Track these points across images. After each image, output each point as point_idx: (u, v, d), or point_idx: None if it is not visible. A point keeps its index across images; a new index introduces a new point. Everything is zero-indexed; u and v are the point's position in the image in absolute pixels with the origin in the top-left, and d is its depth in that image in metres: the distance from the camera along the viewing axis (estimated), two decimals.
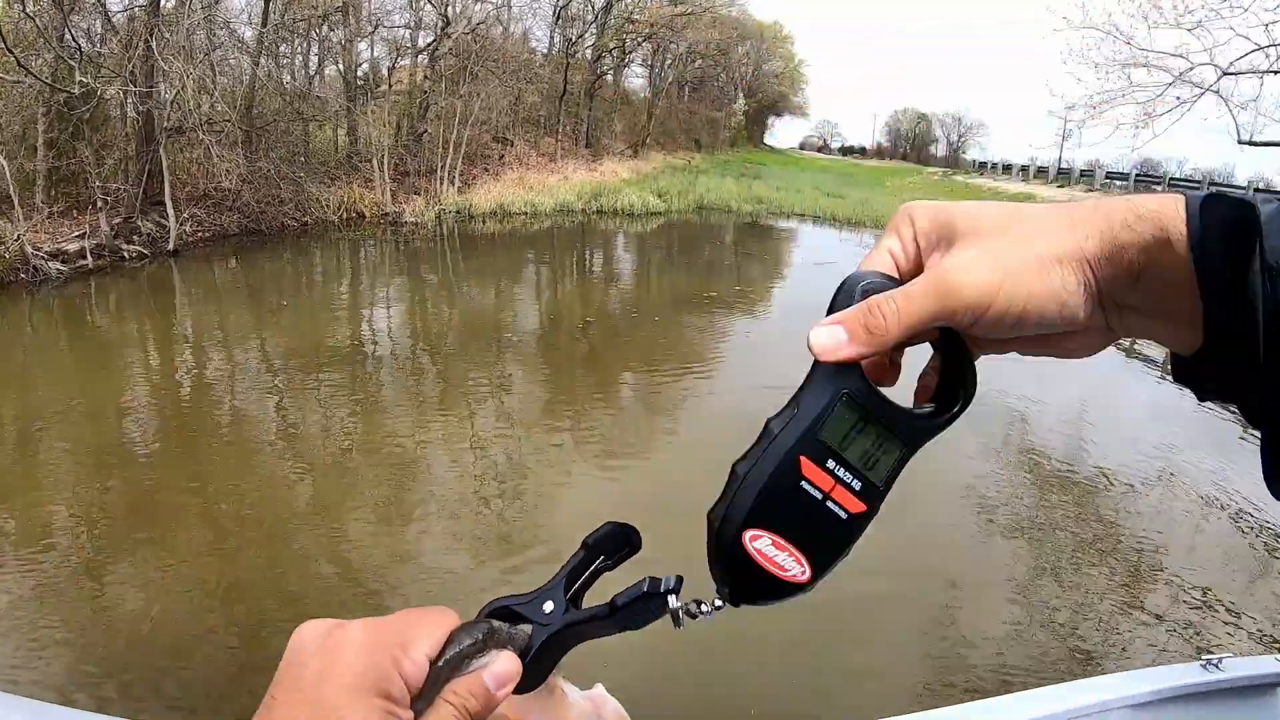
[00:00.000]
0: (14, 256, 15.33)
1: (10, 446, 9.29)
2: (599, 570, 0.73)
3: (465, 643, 0.64)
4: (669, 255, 26.51)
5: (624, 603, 0.68)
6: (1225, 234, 0.53)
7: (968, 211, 0.62)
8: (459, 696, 0.62)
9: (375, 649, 0.60)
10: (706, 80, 59.70)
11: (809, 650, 5.87)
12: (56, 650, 5.61)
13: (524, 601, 0.70)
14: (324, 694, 0.57)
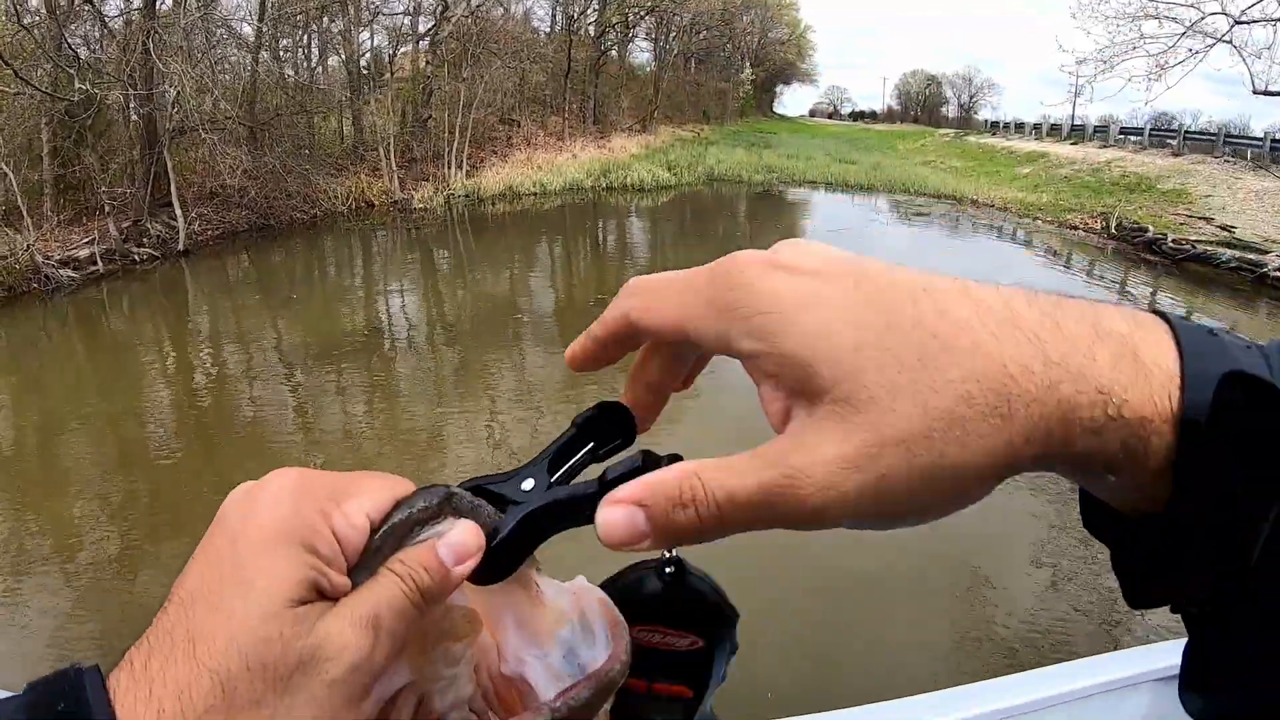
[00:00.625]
0: (25, 266, 15.34)
1: (34, 452, 9.37)
2: (586, 459, 0.62)
3: (417, 506, 0.53)
4: (681, 228, 26.43)
5: (614, 477, 0.53)
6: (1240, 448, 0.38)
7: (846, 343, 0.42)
8: (406, 567, 0.51)
9: (302, 498, 0.50)
10: (712, 51, 59.28)
11: (826, 630, 5.78)
12: (87, 649, 5.61)
13: (500, 480, 0.59)
14: (238, 546, 0.48)
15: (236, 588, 0.46)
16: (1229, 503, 0.39)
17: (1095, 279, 19.35)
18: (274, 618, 0.46)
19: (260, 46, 24.60)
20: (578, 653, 0.62)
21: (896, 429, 0.40)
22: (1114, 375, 0.40)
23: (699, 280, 0.49)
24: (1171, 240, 20.86)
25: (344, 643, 0.47)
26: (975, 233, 25.30)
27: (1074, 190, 29.43)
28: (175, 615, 0.47)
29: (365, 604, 0.49)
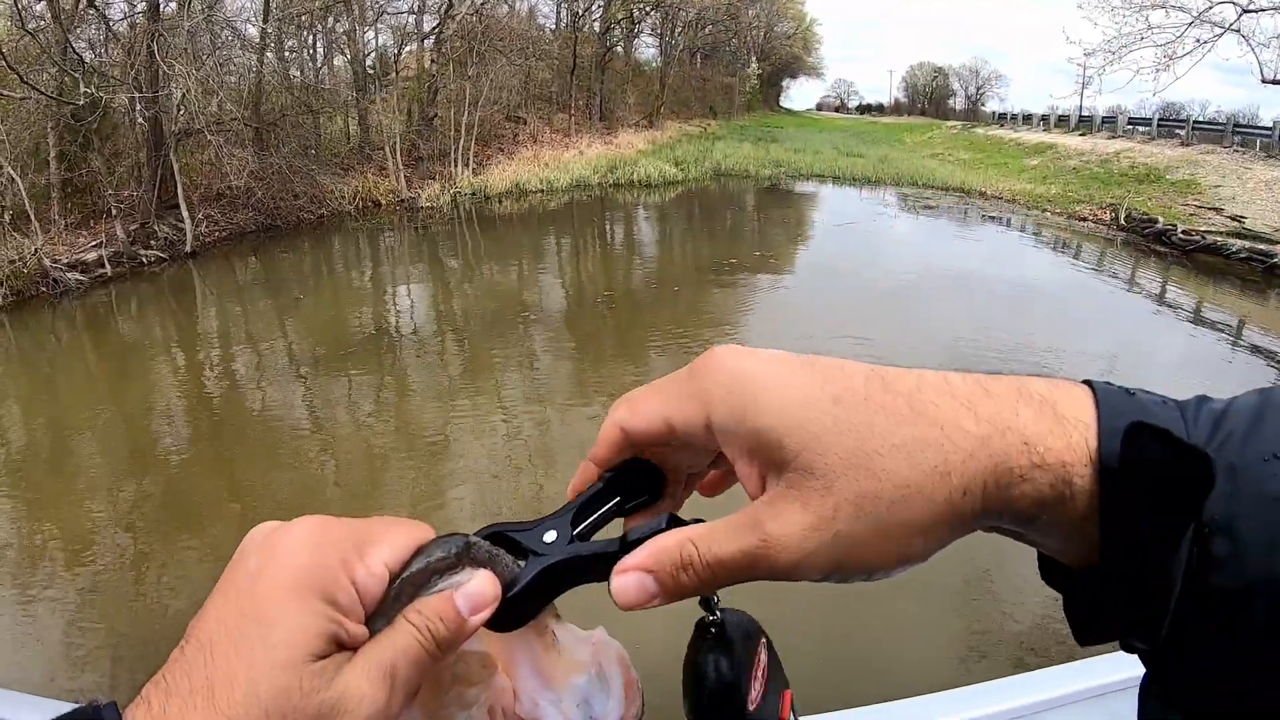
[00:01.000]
0: (33, 271, 15.35)
1: (46, 456, 9.38)
2: (611, 513, 0.63)
3: (435, 555, 0.54)
4: (689, 224, 26.43)
5: (635, 539, 0.55)
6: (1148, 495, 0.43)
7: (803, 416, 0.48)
8: (423, 617, 0.52)
9: (323, 547, 0.51)
10: (718, 46, 59.25)
11: (835, 631, 5.75)
12: (100, 653, 5.68)
13: (523, 529, 0.60)
14: (257, 592, 0.49)
15: (257, 636, 0.47)
16: (1140, 550, 0.43)
17: (1105, 271, 19.27)
18: (293, 669, 0.46)
19: (265, 47, 24.62)
20: (591, 704, 0.62)
21: (849, 491, 0.46)
22: (1036, 428, 0.45)
23: (680, 377, 0.55)
24: (1181, 231, 20.79)
25: (361, 695, 0.48)
26: (983, 225, 25.22)
27: (1083, 181, 29.37)
28: (194, 657, 0.47)
29: (382, 655, 0.50)
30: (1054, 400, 0.46)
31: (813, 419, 0.47)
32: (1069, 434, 0.44)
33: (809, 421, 0.47)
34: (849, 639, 5.61)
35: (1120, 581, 0.44)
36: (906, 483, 0.45)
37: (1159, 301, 16.28)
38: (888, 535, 0.46)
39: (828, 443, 0.46)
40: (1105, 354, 12.19)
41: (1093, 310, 15.41)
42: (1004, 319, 13.71)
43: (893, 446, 0.46)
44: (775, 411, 0.48)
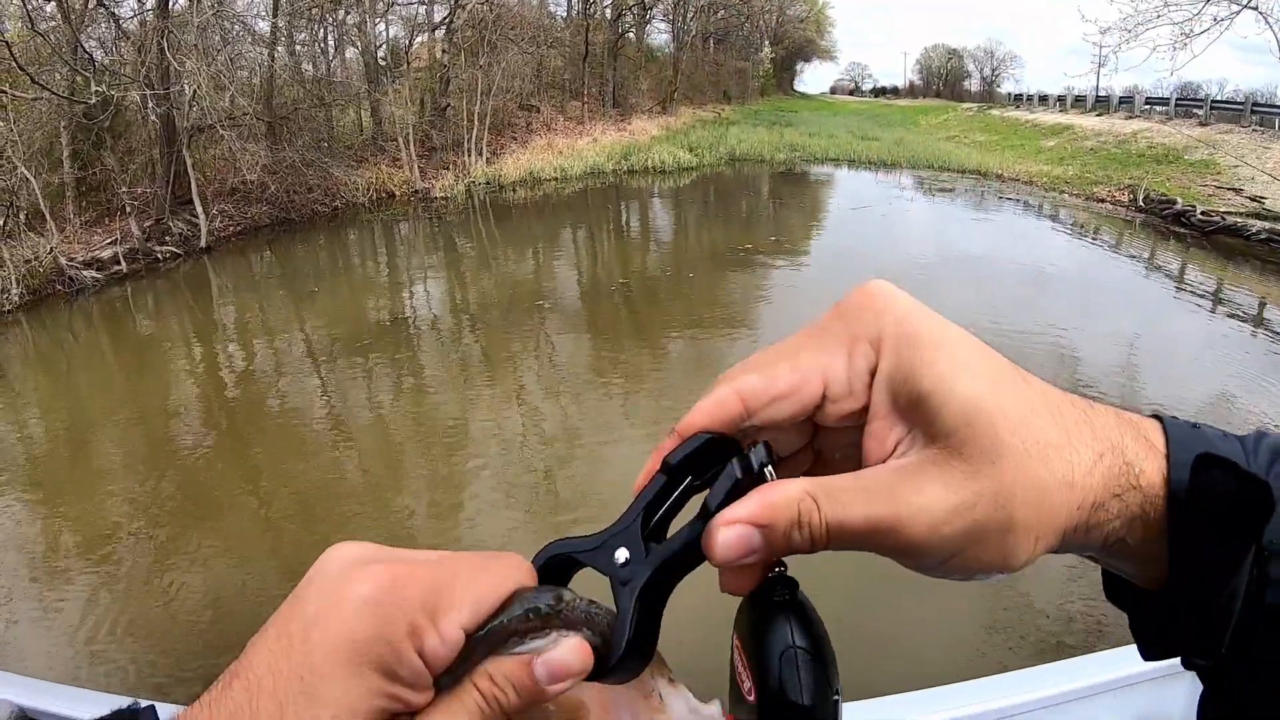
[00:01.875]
0: (49, 269, 15.39)
1: (66, 452, 9.40)
2: (686, 494, 0.53)
3: (518, 613, 0.47)
4: (705, 209, 26.34)
5: (717, 505, 0.48)
6: (1214, 522, 0.44)
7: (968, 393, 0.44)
8: (492, 685, 0.46)
9: (390, 612, 0.44)
10: (731, 31, 59.03)
11: (854, 618, 5.70)
12: (122, 642, 5.69)
13: (588, 548, 0.53)
14: (311, 652, 0.44)
15: (305, 705, 0.43)
16: (1207, 574, 0.44)
17: (1124, 253, 19.11)
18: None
19: (276, 42, 24.62)
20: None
21: (995, 481, 0.43)
22: (1135, 451, 0.45)
23: (830, 325, 0.50)
24: (1200, 212, 20.63)
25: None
26: (1001, 207, 25.07)
27: (1100, 162, 29.19)
28: (240, 700, 0.43)
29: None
30: (1142, 427, 0.47)
31: (976, 396, 0.44)
32: (1155, 459, 0.45)
33: (973, 398, 0.44)
34: (868, 625, 5.55)
35: (1186, 604, 0.45)
36: (1041, 486, 0.43)
37: (1179, 283, 16.13)
38: (1008, 534, 0.44)
39: (985, 427, 0.43)
40: (1127, 336, 12.08)
41: (1113, 293, 15.29)
42: (1023, 302, 13.60)
43: (1041, 449, 0.44)
44: (945, 376, 0.45)
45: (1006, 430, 0.43)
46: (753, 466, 0.49)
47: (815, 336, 0.50)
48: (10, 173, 15.66)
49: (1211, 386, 10.11)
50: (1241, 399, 9.73)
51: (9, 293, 14.35)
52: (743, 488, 0.49)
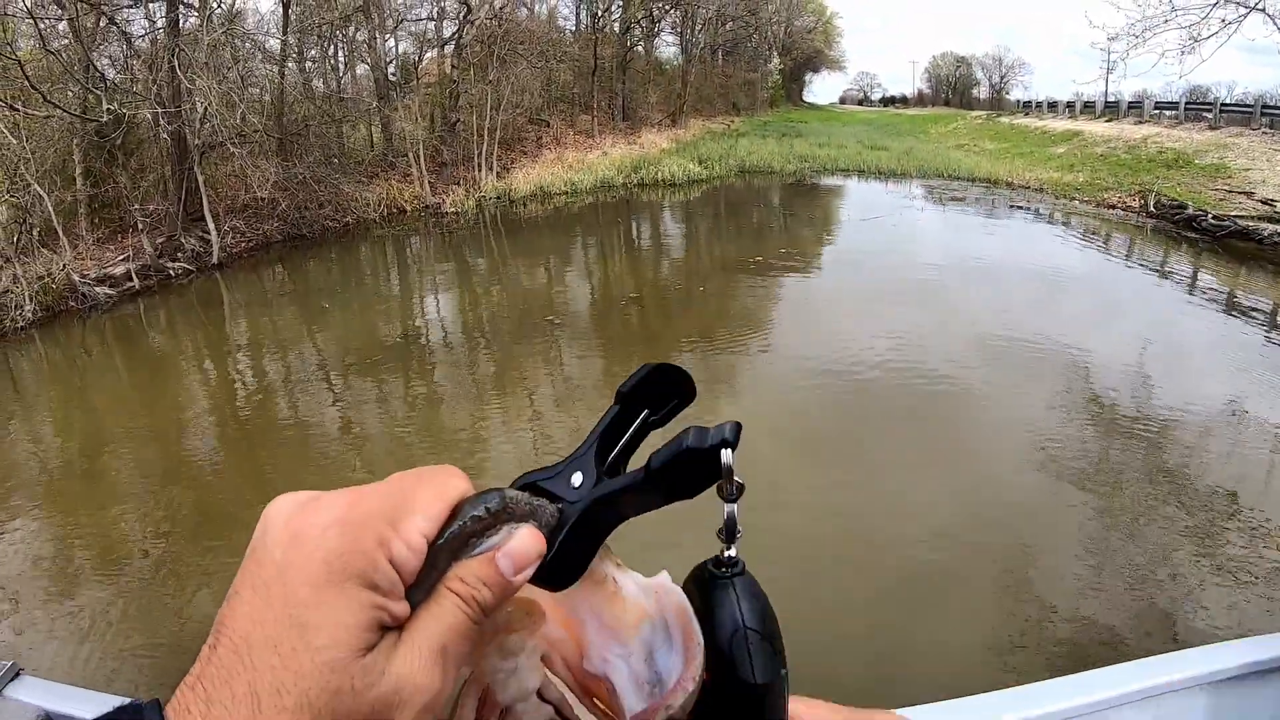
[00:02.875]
0: (62, 286, 15.46)
1: (80, 468, 9.42)
2: (645, 428, 0.61)
3: (470, 515, 0.51)
4: (715, 223, 26.36)
5: (661, 463, 0.54)
6: None
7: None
8: (466, 585, 0.50)
9: (355, 527, 0.48)
10: (739, 42, 59.22)
11: (877, 616, 5.69)
12: (136, 658, 5.71)
13: (549, 475, 0.58)
14: (290, 589, 0.46)
15: (299, 640, 0.45)
16: None
17: (1135, 259, 19.06)
18: (343, 669, 0.45)
19: (286, 59, 24.74)
20: (656, 657, 0.59)
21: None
22: None
23: None
24: (1212, 217, 20.57)
25: (415, 684, 0.47)
26: (1011, 215, 25.03)
27: (1110, 169, 29.16)
28: (230, 662, 0.45)
29: (430, 634, 0.48)
30: None
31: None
32: None
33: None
34: (889, 636, 5.54)
35: None
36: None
37: (1190, 288, 16.07)
38: None
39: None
40: (1139, 342, 12.04)
41: (1125, 299, 15.26)
42: (1034, 310, 13.57)
43: None
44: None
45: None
46: (705, 443, 0.53)
47: None
48: (24, 190, 15.75)
49: (1225, 392, 10.06)
50: (1254, 405, 9.69)
51: (23, 309, 14.40)
52: (684, 457, 0.54)
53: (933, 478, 7.82)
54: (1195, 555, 6.46)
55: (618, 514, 0.56)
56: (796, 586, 5.74)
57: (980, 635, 5.57)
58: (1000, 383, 10.31)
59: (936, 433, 8.84)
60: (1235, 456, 8.35)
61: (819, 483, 7.86)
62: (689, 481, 0.55)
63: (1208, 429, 8.99)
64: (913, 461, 8.17)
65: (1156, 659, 1.88)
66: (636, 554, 0.56)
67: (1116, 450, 8.51)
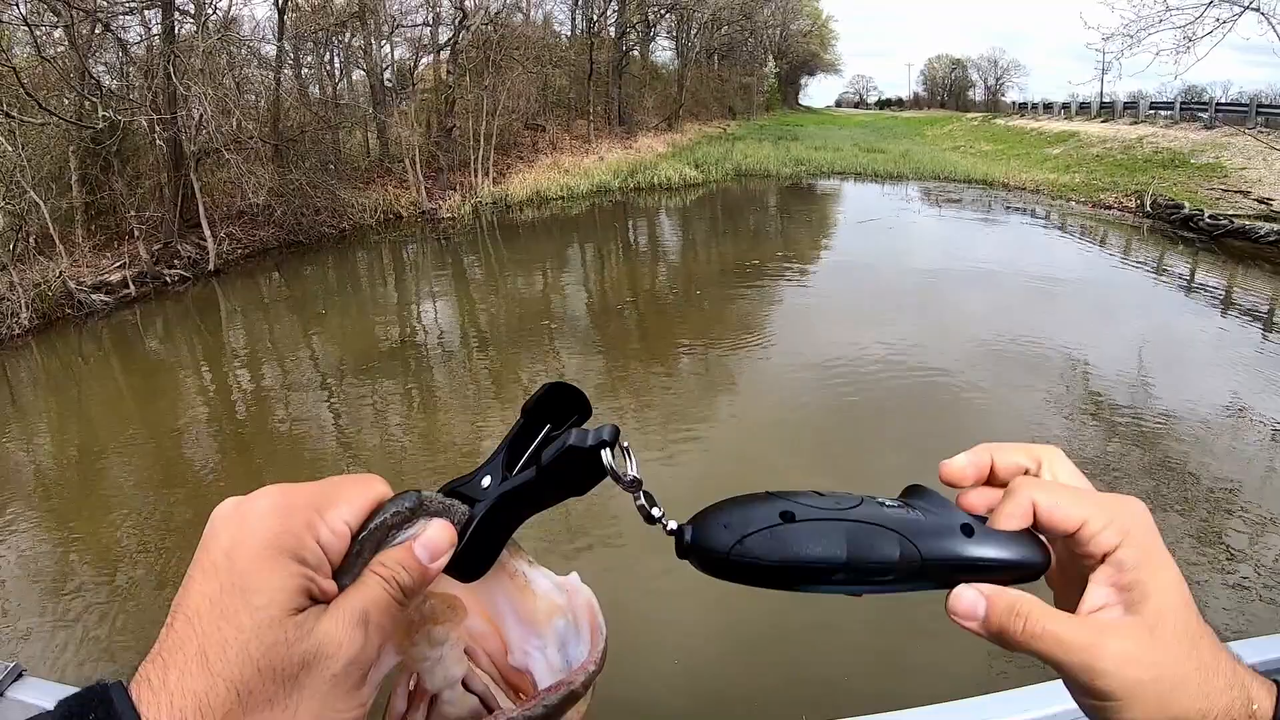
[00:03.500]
0: (58, 293, 15.45)
1: (76, 475, 9.45)
2: (543, 444, 0.66)
3: (391, 511, 0.59)
4: (712, 227, 26.37)
5: (549, 460, 0.62)
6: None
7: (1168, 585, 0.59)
8: (387, 568, 0.58)
9: (287, 512, 0.56)
10: (735, 46, 59.26)
11: (872, 622, 5.69)
12: (129, 665, 5.61)
13: (464, 481, 0.66)
14: (235, 563, 0.53)
15: (240, 601, 0.52)
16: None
17: (1131, 258, 19.10)
18: (278, 625, 0.52)
19: (282, 65, 24.73)
20: (568, 648, 0.67)
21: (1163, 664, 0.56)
22: (1256, 692, 0.58)
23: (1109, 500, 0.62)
24: (1208, 216, 20.66)
25: (339, 640, 0.53)
26: (1008, 216, 25.08)
27: (1106, 169, 29.24)
28: (183, 631, 0.52)
29: (355, 604, 0.55)
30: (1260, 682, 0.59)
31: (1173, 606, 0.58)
32: (1270, 699, 0.58)
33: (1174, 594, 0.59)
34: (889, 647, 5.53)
35: None
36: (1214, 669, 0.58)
37: (1188, 288, 16.10)
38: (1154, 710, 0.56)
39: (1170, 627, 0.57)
40: (1137, 341, 12.06)
41: (1122, 298, 15.30)
42: (1031, 311, 13.60)
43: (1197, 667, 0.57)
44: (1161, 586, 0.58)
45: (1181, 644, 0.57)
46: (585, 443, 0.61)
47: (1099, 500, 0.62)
48: (19, 197, 15.74)
49: (1224, 389, 10.08)
50: (1255, 402, 9.70)
51: (19, 316, 14.39)
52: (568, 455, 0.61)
53: (929, 479, 7.81)
54: (1195, 552, 6.46)
55: (519, 509, 0.64)
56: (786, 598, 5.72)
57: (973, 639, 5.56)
58: (998, 384, 10.32)
59: (934, 432, 8.84)
60: (1234, 453, 8.36)
61: (813, 484, 7.84)
62: (576, 478, 0.62)
63: (1207, 426, 9.00)
64: (909, 465, 8.16)
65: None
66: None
67: (1115, 447, 8.52)
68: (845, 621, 5.57)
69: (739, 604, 5.45)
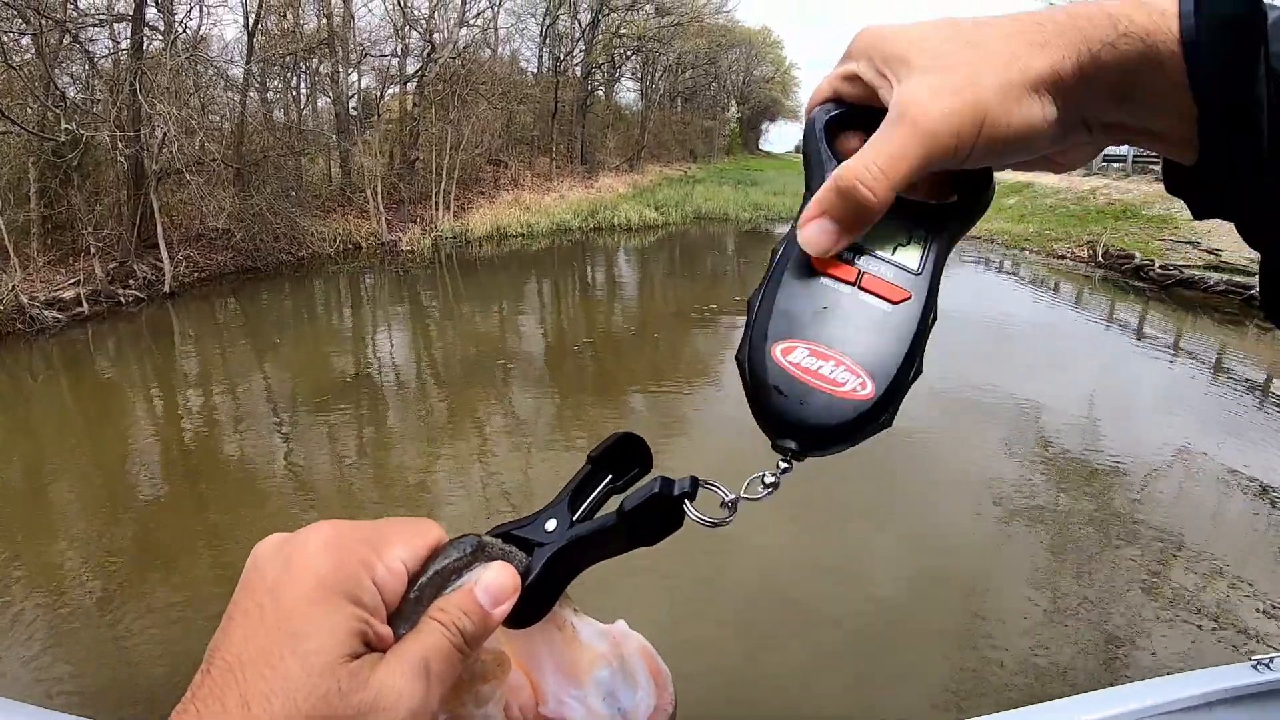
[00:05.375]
0: (9, 307, 15.26)
1: (19, 495, 9.29)
2: (606, 492, 0.66)
3: (453, 556, 0.57)
4: (670, 268, 26.48)
5: (632, 507, 0.60)
6: (1224, 40, 0.49)
7: (921, 38, 0.56)
8: (448, 614, 0.55)
9: (342, 549, 0.52)
10: (698, 90, 59.75)
11: (832, 663, 5.76)
12: (70, 695, 5.62)
13: (524, 524, 0.64)
14: (282, 604, 0.49)
15: (289, 648, 0.47)
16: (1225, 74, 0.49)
17: (1083, 307, 19.46)
18: (330, 673, 0.47)
19: (248, 87, 24.65)
20: (618, 696, 0.64)
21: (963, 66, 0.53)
22: (1119, 8, 0.52)
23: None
24: (1159, 266, 21.04)
25: (399, 691, 0.49)
26: (961, 264, 25.38)
27: (1060, 220, 29.65)
28: (223, 679, 0.47)
29: (415, 652, 0.52)
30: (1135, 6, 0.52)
31: (934, 35, 0.56)
32: (1149, 13, 0.50)
33: (932, 38, 0.55)
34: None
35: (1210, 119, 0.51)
36: (1014, 50, 0.53)
37: (1138, 336, 16.39)
38: (1014, 94, 0.52)
39: (945, 47, 0.54)
40: (1088, 389, 12.25)
41: (1074, 346, 15.56)
42: (982, 359, 13.73)
43: (999, 35, 0.54)
44: (911, 41, 0.56)
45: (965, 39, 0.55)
46: (672, 491, 0.60)
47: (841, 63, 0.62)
48: None
49: (1172, 435, 10.28)
50: (1203, 447, 9.91)
51: None
52: (653, 503, 0.60)
53: (883, 523, 7.92)
54: (1145, 594, 6.62)
55: (587, 557, 0.62)
56: (736, 635, 5.80)
57: (931, 675, 5.66)
58: (951, 428, 10.44)
59: (886, 478, 8.90)
60: (1182, 498, 8.56)
61: (760, 527, 7.90)
62: (652, 527, 0.61)
63: (1155, 471, 9.19)
64: (864, 508, 8.27)
65: (1109, 691, 1.99)
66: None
67: (1066, 493, 8.67)
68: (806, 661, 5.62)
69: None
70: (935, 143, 0.53)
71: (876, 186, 0.54)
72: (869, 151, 0.54)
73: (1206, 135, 0.51)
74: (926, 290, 0.58)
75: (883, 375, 0.56)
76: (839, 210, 0.55)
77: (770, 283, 0.60)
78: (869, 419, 0.56)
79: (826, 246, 0.57)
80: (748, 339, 0.60)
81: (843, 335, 0.56)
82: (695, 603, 6.37)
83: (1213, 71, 0.49)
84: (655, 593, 6.22)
